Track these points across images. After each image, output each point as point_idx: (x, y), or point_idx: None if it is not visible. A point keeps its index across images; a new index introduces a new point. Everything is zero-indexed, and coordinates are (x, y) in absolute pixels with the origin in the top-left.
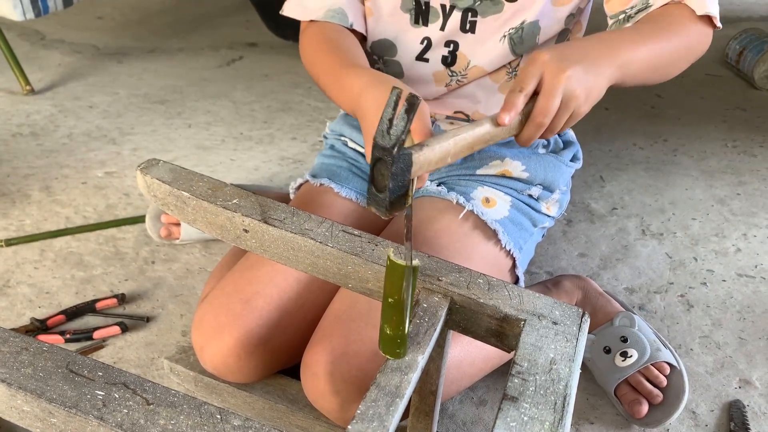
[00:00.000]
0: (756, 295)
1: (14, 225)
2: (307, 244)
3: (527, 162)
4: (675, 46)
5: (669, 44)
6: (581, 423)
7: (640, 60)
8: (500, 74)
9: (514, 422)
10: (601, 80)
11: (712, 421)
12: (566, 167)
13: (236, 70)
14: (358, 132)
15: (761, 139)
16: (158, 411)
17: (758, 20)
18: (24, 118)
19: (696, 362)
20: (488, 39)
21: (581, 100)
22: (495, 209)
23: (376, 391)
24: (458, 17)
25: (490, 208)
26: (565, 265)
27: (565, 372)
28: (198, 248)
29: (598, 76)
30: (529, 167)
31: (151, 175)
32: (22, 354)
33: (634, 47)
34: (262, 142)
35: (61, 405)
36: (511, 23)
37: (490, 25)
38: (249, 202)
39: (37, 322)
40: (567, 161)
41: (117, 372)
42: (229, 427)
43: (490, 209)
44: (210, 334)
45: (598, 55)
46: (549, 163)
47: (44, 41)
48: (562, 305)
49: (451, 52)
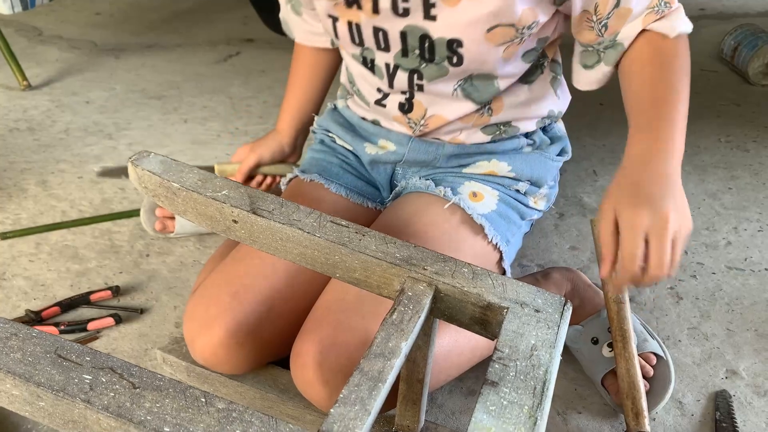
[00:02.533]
0: (745, 288)
1: (10, 218)
2: (296, 234)
3: (513, 162)
4: (686, 85)
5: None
6: (569, 412)
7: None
8: (470, 115)
9: (493, 406)
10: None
11: (698, 410)
12: (553, 162)
13: (233, 66)
14: (344, 130)
15: (754, 134)
16: (144, 394)
17: (755, 16)
18: (21, 113)
19: (684, 353)
20: (440, 94)
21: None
22: (482, 203)
23: (359, 375)
24: (404, 77)
25: (478, 202)
26: (556, 258)
27: (545, 358)
28: (192, 241)
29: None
30: (515, 167)
31: (141, 166)
32: (11, 340)
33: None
34: (257, 137)
35: (49, 389)
36: (457, 82)
37: (436, 85)
38: (238, 193)
39: (32, 314)
40: (554, 156)
41: (104, 357)
42: (213, 410)
43: (477, 203)
44: (200, 326)
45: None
46: (535, 160)
47: (41, 37)
48: (545, 294)
49: (408, 99)
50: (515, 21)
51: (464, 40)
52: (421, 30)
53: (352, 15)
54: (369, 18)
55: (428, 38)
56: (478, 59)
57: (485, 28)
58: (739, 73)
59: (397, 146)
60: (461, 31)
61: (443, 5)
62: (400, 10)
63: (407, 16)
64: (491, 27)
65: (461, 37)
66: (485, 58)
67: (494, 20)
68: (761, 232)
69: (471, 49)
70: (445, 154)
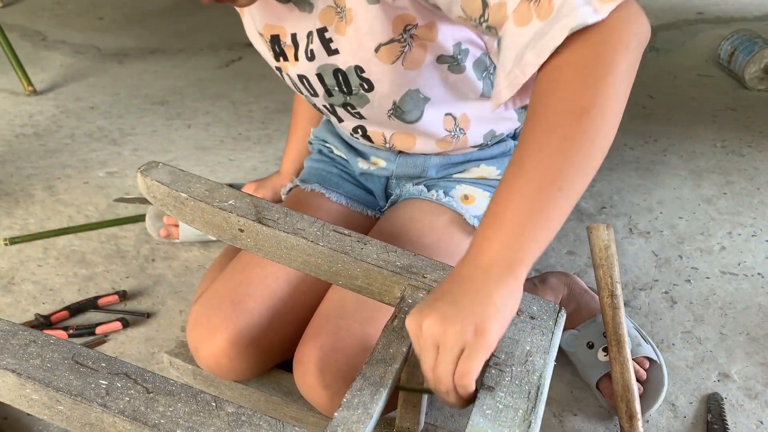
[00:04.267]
0: (738, 292)
1: (18, 224)
2: (300, 243)
3: (502, 165)
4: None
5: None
6: (565, 414)
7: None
8: (444, 141)
9: (489, 410)
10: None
11: (691, 413)
12: None
13: (235, 71)
14: (340, 141)
15: (750, 139)
16: (157, 399)
17: (752, 20)
18: (27, 119)
19: (677, 357)
20: (380, 120)
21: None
22: (474, 205)
23: (362, 381)
24: (346, 113)
25: (470, 204)
26: (553, 262)
27: (540, 363)
28: (197, 246)
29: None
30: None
31: (150, 177)
32: (30, 346)
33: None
34: (259, 142)
35: (68, 393)
36: (385, 106)
37: (370, 112)
38: (244, 203)
39: (42, 318)
40: None
41: (119, 363)
42: (223, 414)
43: (469, 205)
44: (203, 336)
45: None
46: None
47: (45, 42)
48: (540, 301)
49: (364, 133)
50: (391, 35)
51: (362, 65)
52: (332, 65)
53: (284, 66)
54: (293, 67)
55: (340, 71)
56: (384, 80)
57: (372, 50)
58: (735, 78)
59: (387, 162)
60: (356, 57)
61: (337, 36)
62: (308, 54)
63: (314, 59)
64: (376, 47)
65: (359, 63)
66: (390, 78)
67: (373, 41)
68: (755, 237)
69: (373, 71)
70: (433, 164)
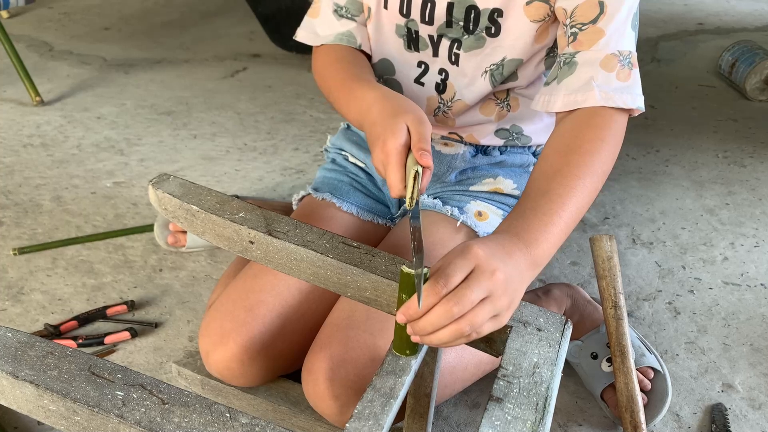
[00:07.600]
0: (741, 303)
1: (27, 234)
2: (309, 255)
3: (519, 180)
4: (590, 182)
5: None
6: (570, 425)
7: (559, 231)
8: (489, 107)
9: (498, 421)
10: (523, 288)
11: (695, 423)
12: None
13: (240, 81)
14: (357, 147)
15: (751, 150)
16: (173, 410)
17: (753, 31)
18: (34, 129)
19: (681, 367)
20: (470, 73)
21: (505, 306)
22: (487, 222)
23: (372, 392)
24: (447, 46)
25: (483, 221)
26: (557, 273)
27: (547, 375)
28: (204, 256)
29: (522, 284)
30: (520, 185)
31: (162, 189)
32: (47, 358)
33: (551, 231)
34: (265, 152)
35: (85, 404)
36: (492, 59)
37: (470, 60)
38: (254, 216)
39: (51, 328)
40: None
41: (134, 374)
42: (237, 425)
43: (482, 222)
44: (215, 341)
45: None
46: None
47: (52, 52)
48: (547, 313)
49: (443, 80)
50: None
51: (505, 10)
52: (469, 1)
53: None
54: None
55: (474, 8)
56: (513, 32)
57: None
58: (736, 88)
59: None
60: (504, 1)
61: None
62: None
63: None
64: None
65: (502, 7)
66: (520, 33)
67: None
68: (757, 247)
69: (509, 20)
70: (458, 166)
